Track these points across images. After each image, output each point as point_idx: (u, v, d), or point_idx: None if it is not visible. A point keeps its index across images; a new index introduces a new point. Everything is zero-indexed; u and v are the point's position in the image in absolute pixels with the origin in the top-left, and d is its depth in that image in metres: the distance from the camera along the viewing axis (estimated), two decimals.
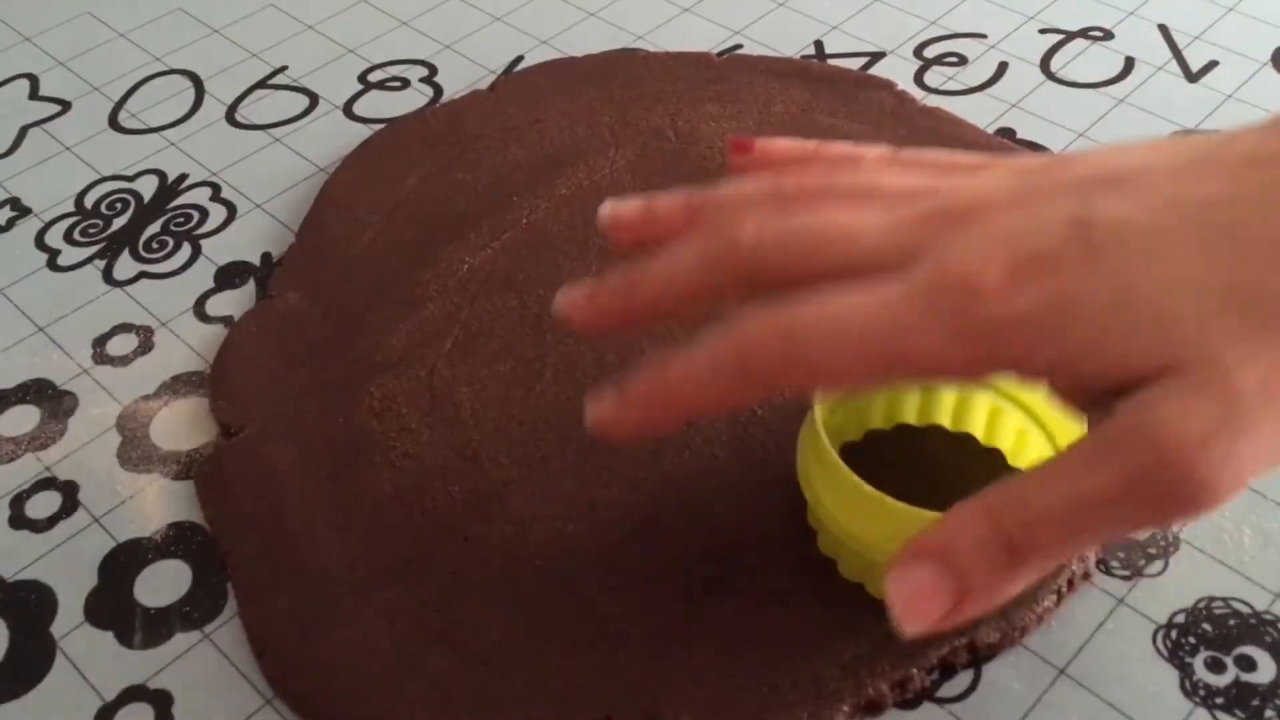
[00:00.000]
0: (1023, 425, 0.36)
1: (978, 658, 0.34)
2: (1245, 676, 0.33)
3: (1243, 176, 0.25)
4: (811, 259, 0.27)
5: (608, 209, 0.32)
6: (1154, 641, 0.34)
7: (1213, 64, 0.53)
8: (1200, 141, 0.27)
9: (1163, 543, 0.37)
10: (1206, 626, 0.34)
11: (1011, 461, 0.37)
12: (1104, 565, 0.36)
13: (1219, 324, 0.24)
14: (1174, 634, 0.34)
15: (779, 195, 0.29)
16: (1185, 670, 0.34)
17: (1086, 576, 0.36)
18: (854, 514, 0.33)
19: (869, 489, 0.32)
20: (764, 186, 0.30)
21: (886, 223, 0.27)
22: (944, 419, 0.38)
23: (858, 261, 0.27)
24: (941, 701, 0.33)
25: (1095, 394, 0.25)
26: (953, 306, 0.25)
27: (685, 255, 0.29)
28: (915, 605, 0.26)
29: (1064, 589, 0.35)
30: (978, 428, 0.37)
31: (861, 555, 0.33)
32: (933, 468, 0.37)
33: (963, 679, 0.34)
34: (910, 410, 0.38)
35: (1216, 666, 0.34)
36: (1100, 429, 0.25)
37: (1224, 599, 0.35)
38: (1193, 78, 0.53)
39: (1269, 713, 0.33)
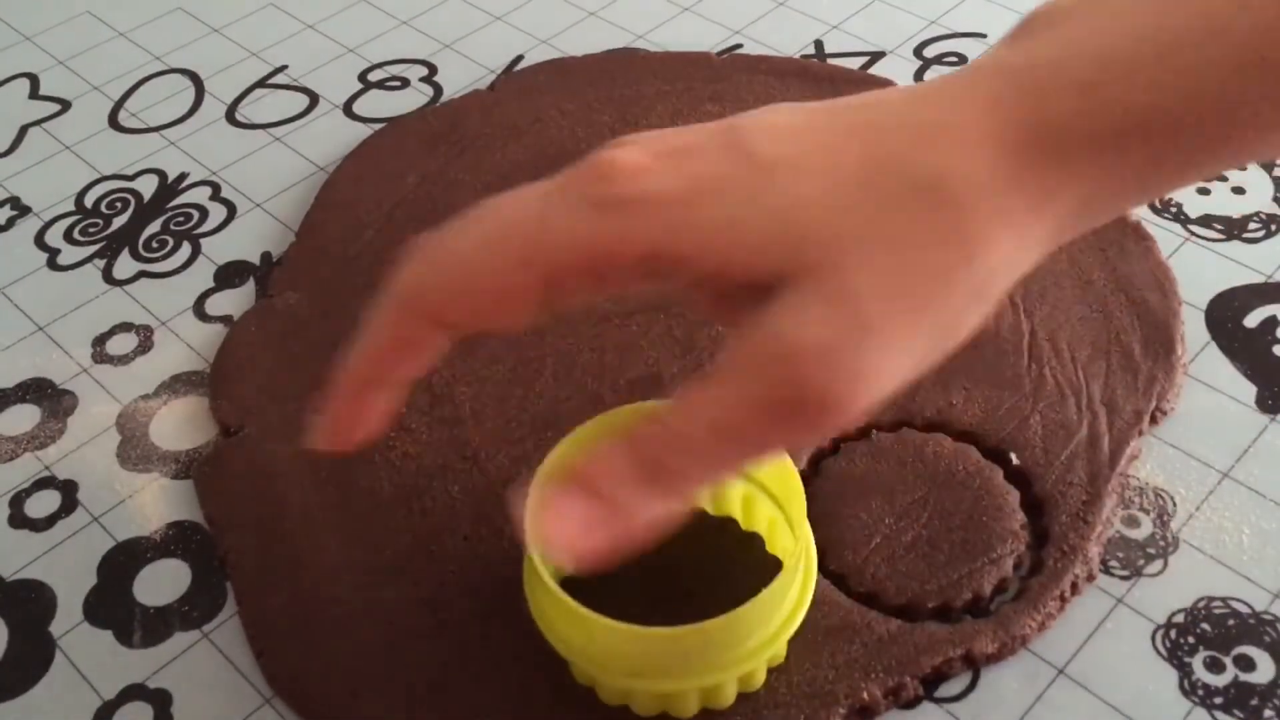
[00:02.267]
0: (771, 514, 0.35)
1: (977, 667, 0.34)
2: (1244, 676, 0.33)
3: (889, 92, 0.26)
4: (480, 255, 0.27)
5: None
6: (1153, 641, 0.34)
7: None
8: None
9: (1162, 543, 0.37)
10: (1205, 626, 0.34)
11: (769, 548, 0.35)
12: (1104, 565, 0.36)
13: (849, 219, 0.24)
14: (1173, 634, 0.34)
15: None
16: (1184, 670, 0.34)
17: (1091, 579, 0.36)
18: (584, 639, 0.31)
19: (583, 611, 0.30)
20: None
21: (546, 192, 0.26)
22: (705, 503, 0.36)
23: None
24: (940, 701, 0.33)
25: (739, 300, 0.25)
26: (592, 188, 0.25)
27: (376, 326, 0.28)
28: (565, 534, 0.25)
29: (1067, 594, 0.35)
30: (736, 511, 0.36)
31: (614, 682, 0.32)
32: (699, 553, 0.35)
33: (962, 678, 0.34)
34: None
35: (1215, 666, 0.34)
36: (732, 346, 0.24)
37: (1223, 599, 0.35)
38: None
39: (1268, 712, 0.33)
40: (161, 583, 0.37)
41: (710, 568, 0.34)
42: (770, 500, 0.35)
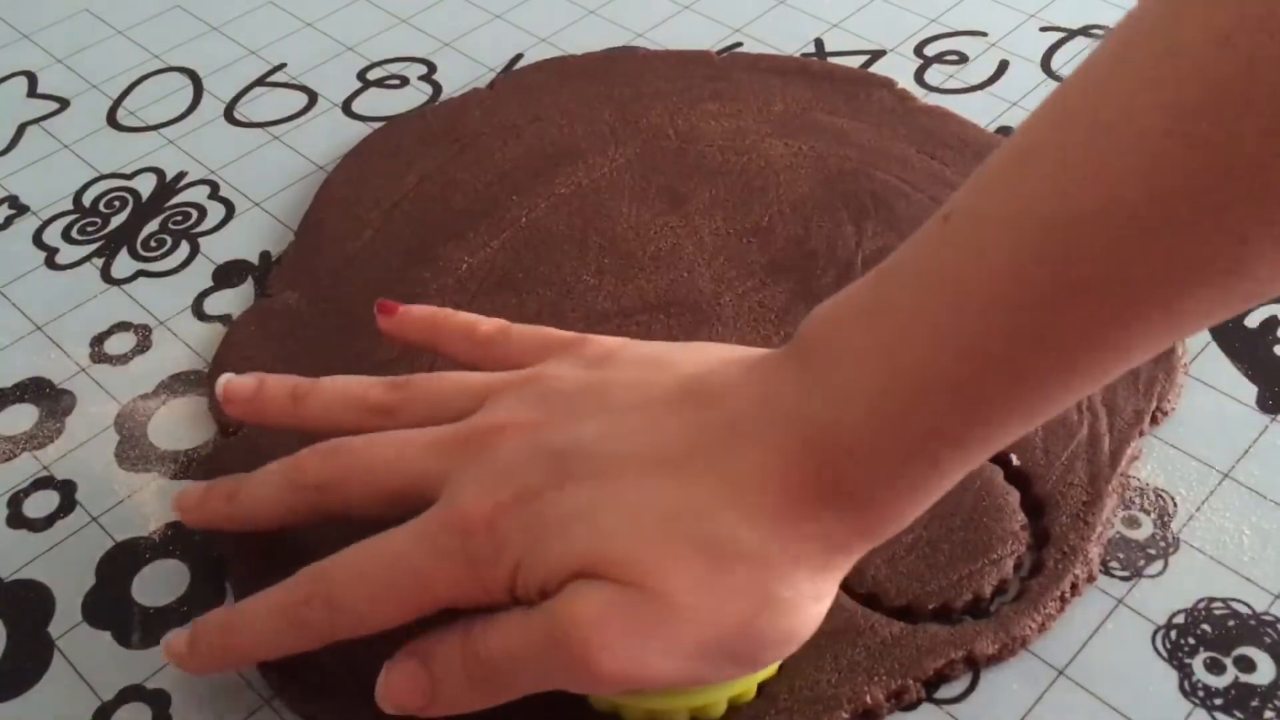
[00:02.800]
0: None
1: (977, 669, 0.34)
2: (1244, 677, 0.33)
3: (708, 413, 0.30)
4: (366, 488, 0.33)
5: (221, 382, 0.37)
6: (1153, 642, 0.34)
7: None
8: (713, 361, 0.32)
9: (1162, 543, 0.37)
10: (1206, 627, 0.34)
11: None
12: (1104, 566, 0.36)
13: (655, 546, 0.29)
14: (1173, 635, 0.34)
15: (366, 405, 0.35)
16: (1184, 671, 0.34)
17: (1091, 579, 0.36)
18: None
19: None
20: (355, 394, 0.35)
21: (425, 447, 0.33)
22: None
23: (402, 486, 0.33)
24: (940, 703, 0.33)
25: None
26: (453, 545, 0.30)
27: (269, 483, 0.35)
28: (392, 690, 0.31)
29: (1067, 594, 0.35)
30: None
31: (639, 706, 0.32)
32: None
33: (961, 680, 0.34)
34: None
35: (1216, 667, 0.34)
36: (540, 605, 0.29)
37: (1223, 600, 0.35)
38: None
39: (1268, 714, 0.33)
40: (160, 583, 0.37)
41: None
42: None
